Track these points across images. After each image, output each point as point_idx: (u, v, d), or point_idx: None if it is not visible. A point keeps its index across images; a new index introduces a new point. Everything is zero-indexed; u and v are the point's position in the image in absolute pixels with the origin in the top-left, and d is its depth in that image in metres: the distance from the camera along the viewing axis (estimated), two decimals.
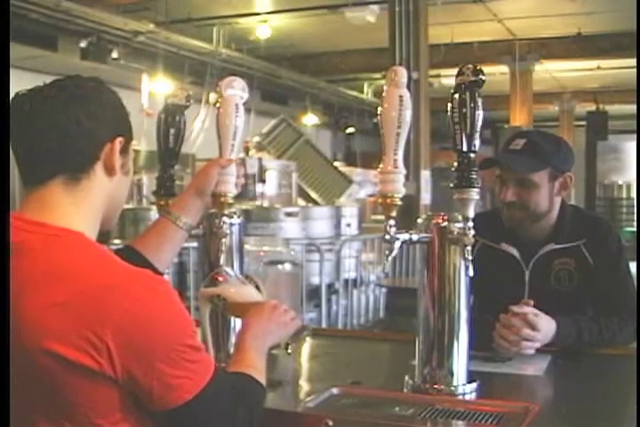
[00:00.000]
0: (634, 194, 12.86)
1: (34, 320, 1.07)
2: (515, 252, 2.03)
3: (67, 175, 1.19)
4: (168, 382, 1.10)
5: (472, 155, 1.46)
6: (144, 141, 5.94)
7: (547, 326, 1.79)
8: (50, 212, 1.18)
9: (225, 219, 1.70)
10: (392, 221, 1.46)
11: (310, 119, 12.09)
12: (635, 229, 10.41)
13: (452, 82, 1.50)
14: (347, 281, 6.25)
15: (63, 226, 1.16)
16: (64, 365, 1.06)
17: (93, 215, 1.23)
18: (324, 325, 5.76)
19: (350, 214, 6.95)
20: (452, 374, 1.53)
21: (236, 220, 1.75)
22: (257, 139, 8.49)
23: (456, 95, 1.45)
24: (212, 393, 1.15)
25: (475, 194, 1.47)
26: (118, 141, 1.22)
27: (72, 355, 1.05)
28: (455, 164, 1.48)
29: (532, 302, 1.82)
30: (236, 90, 1.67)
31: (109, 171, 1.23)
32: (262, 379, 1.33)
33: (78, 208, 1.20)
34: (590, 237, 2.01)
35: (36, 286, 1.09)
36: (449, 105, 1.46)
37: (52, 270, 1.10)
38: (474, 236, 1.49)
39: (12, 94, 1.24)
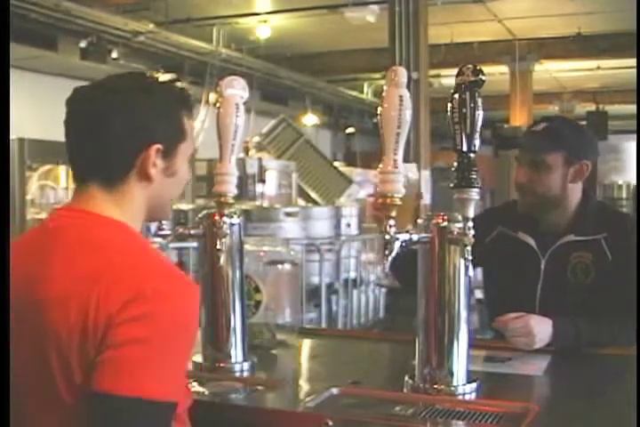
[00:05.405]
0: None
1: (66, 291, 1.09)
2: (531, 241, 2.03)
3: (101, 180, 1.22)
4: (131, 368, 1.06)
5: (472, 155, 1.46)
6: None
7: (541, 327, 1.79)
8: (92, 206, 1.21)
9: (225, 219, 1.70)
10: (392, 221, 1.46)
11: (310, 119, 12.09)
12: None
13: (452, 82, 1.50)
14: (347, 281, 6.25)
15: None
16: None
17: (132, 214, 1.24)
18: (323, 325, 5.76)
19: (350, 214, 6.95)
20: (451, 374, 1.53)
21: (235, 220, 1.75)
22: (257, 139, 8.47)
23: (456, 95, 1.45)
24: (142, 415, 1.05)
25: (475, 194, 1.47)
26: (155, 149, 1.21)
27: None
28: (455, 164, 1.48)
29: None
30: (236, 90, 1.68)
31: (145, 178, 1.22)
32: None
33: (118, 206, 1.22)
34: (612, 232, 1.98)
35: (65, 259, 1.13)
36: (449, 105, 1.46)
37: (83, 243, 1.15)
38: (491, 223, 1.49)
39: (11, 95, 1.24)
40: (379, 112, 1.46)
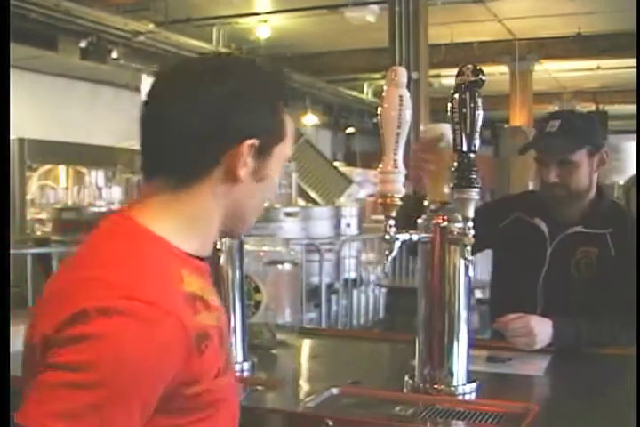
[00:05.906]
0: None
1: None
2: (544, 227, 2.06)
3: (172, 176, 1.02)
4: (44, 396, 0.86)
5: (472, 155, 1.46)
6: None
7: (542, 328, 1.79)
8: (138, 210, 1.03)
9: None
10: (392, 221, 1.46)
11: (310, 119, 12.09)
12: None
13: (452, 82, 1.51)
14: (347, 281, 6.25)
15: (146, 226, 1.00)
16: None
17: (184, 224, 1.02)
18: (323, 325, 5.75)
19: (350, 214, 6.95)
20: (451, 374, 1.53)
21: None
22: None
23: (456, 95, 1.46)
24: None
25: (475, 194, 1.47)
26: (247, 145, 1.00)
27: None
28: (455, 164, 1.48)
29: None
30: None
31: (231, 178, 1.02)
32: None
33: (171, 213, 1.02)
34: (618, 228, 2.01)
35: (63, 268, 1.02)
36: (449, 105, 1.46)
37: (88, 254, 1.00)
38: (509, 208, 1.49)
39: (11, 95, 1.19)
40: (379, 112, 1.46)
